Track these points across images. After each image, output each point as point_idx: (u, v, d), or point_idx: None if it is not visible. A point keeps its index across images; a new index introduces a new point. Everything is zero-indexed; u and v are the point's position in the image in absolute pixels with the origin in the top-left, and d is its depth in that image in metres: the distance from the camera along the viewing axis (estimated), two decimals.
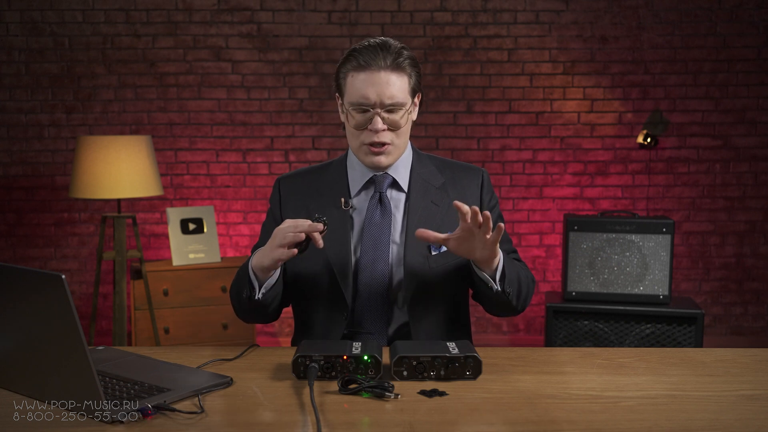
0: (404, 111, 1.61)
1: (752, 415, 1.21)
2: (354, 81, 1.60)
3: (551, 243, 4.24)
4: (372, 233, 1.66)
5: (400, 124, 1.61)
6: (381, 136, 1.60)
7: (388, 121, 1.60)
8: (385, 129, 1.60)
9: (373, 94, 1.58)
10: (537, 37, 4.13)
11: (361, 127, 1.62)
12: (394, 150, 1.64)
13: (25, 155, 4.14)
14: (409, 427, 1.15)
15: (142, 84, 4.13)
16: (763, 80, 4.12)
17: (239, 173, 4.19)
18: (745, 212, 4.20)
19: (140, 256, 3.42)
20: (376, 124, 1.59)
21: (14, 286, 1.21)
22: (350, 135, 1.66)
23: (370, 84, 1.58)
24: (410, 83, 1.62)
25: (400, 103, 1.59)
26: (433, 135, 4.18)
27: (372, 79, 1.57)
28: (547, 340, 3.33)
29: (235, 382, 1.36)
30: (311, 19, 4.12)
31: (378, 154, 1.63)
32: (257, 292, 1.57)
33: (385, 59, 1.58)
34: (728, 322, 4.26)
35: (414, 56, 1.65)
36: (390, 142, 1.62)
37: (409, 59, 1.62)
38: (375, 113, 1.59)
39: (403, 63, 1.60)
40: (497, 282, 1.56)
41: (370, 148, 1.62)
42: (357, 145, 1.65)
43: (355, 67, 1.59)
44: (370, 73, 1.58)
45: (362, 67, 1.58)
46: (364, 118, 1.60)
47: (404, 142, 1.67)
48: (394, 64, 1.58)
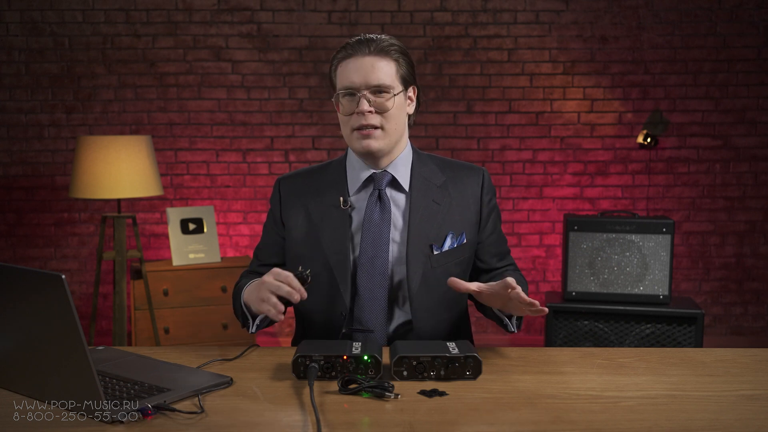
0: (391, 95, 1.62)
1: (752, 415, 1.21)
2: (341, 69, 1.64)
3: (551, 243, 4.24)
4: (371, 232, 1.66)
5: (386, 107, 1.62)
6: (368, 118, 1.61)
7: (375, 104, 1.61)
8: (371, 111, 1.61)
9: (358, 78, 1.61)
10: (537, 37, 4.13)
11: (349, 111, 1.63)
12: (383, 135, 1.64)
13: (25, 155, 4.14)
14: (409, 427, 1.15)
15: (142, 84, 4.13)
16: (763, 80, 4.12)
17: (239, 173, 4.19)
18: (745, 212, 4.20)
19: (140, 256, 3.42)
20: (361, 105, 1.60)
21: (14, 286, 1.21)
22: (342, 124, 1.67)
23: (355, 70, 1.61)
24: (398, 70, 1.64)
25: (385, 86, 1.61)
26: (433, 135, 4.18)
27: (357, 64, 1.61)
28: (547, 340, 3.33)
29: (235, 382, 1.36)
30: (311, 19, 4.12)
31: (366, 137, 1.63)
32: (251, 326, 1.64)
33: (369, 46, 1.62)
34: (728, 322, 4.26)
35: (403, 47, 1.67)
36: (379, 126, 1.62)
37: (396, 47, 1.65)
38: (361, 95, 1.60)
39: (389, 49, 1.63)
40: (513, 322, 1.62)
41: (359, 132, 1.63)
42: (348, 132, 1.66)
43: (342, 57, 1.64)
44: (355, 59, 1.62)
45: (349, 55, 1.63)
46: (352, 102, 1.62)
47: (395, 127, 1.65)
48: (378, 49, 1.62)
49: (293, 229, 1.72)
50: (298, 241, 1.71)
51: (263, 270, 1.78)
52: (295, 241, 1.71)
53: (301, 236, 1.71)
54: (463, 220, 1.71)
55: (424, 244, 1.66)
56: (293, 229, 1.72)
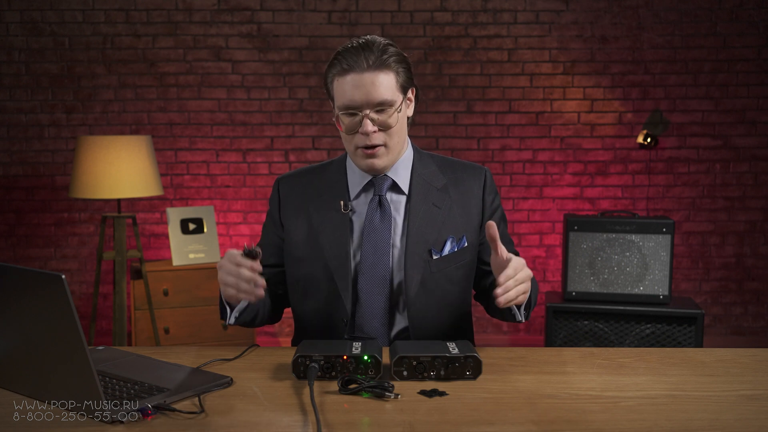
0: (394, 110, 1.58)
1: (752, 415, 1.21)
2: (340, 85, 1.57)
3: (551, 243, 4.24)
4: (372, 237, 1.64)
5: (390, 124, 1.58)
6: (372, 138, 1.57)
7: (378, 122, 1.57)
8: (375, 130, 1.57)
9: (359, 97, 1.54)
10: (537, 37, 4.13)
11: (351, 131, 1.59)
12: (388, 151, 1.61)
13: (25, 155, 4.14)
14: (409, 427, 1.15)
15: (142, 84, 4.13)
16: (763, 80, 4.12)
17: (239, 173, 4.19)
18: (745, 212, 4.20)
19: (140, 256, 3.42)
20: (365, 126, 1.56)
21: (14, 286, 1.21)
22: (344, 140, 1.64)
23: (355, 87, 1.54)
24: (398, 80, 1.58)
25: (388, 102, 1.56)
26: (433, 135, 4.18)
27: (356, 82, 1.54)
28: (547, 340, 3.33)
29: (235, 382, 1.36)
30: (311, 19, 4.12)
31: (371, 156, 1.60)
32: (228, 318, 1.54)
33: (368, 59, 1.54)
34: (728, 322, 4.26)
35: (400, 51, 1.60)
36: (383, 143, 1.59)
37: (395, 55, 1.57)
38: (363, 116, 1.56)
39: (388, 60, 1.55)
40: (521, 312, 1.56)
41: (363, 151, 1.60)
42: (352, 150, 1.63)
43: (339, 72, 1.56)
44: (354, 76, 1.54)
45: (345, 71, 1.55)
46: (354, 121, 1.58)
47: (399, 141, 1.63)
48: (377, 62, 1.54)
49: (293, 232, 1.70)
50: (298, 243, 1.69)
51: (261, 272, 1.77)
52: (295, 243, 1.69)
53: (300, 239, 1.69)
54: (465, 222, 1.69)
55: (423, 249, 1.64)
56: (293, 232, 1.70)
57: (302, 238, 1.69)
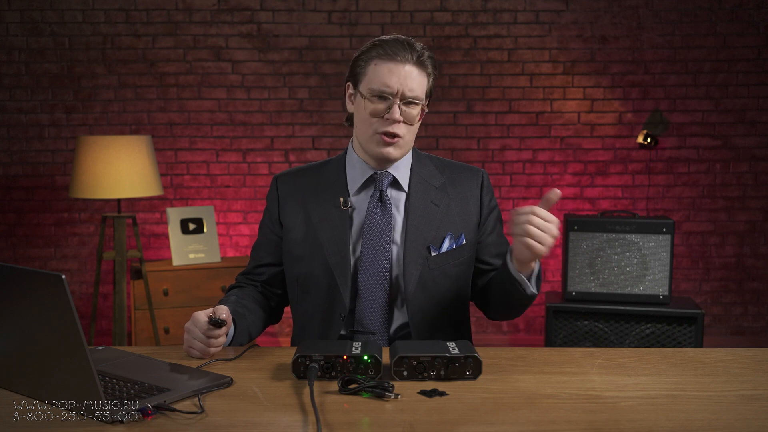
0: (419, 107, 1.63)
1: (752, 415, 1.21)
2: (378, 68, 1.60)
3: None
4: (372, 233, 1.64)
5: (414, 119, 1.63)
6: (396, 128, 1.60)
7: (405, 114, 1.61)
8: (401, 120, 1.61)
9: (396, 84, 1.58)
10: (537, 37, 4.13)
11: (377, 114, 1.61)
12: (404, 144, 1.65)
13: (25, 155, 4.14)
14: (409, 427, 1.15)
15: (142, 84, 4.13)
16: (763, 80, 4.12)
17: (239, 173, 4.19)
18: (745, 212, 4.20)
19: (140, 256, 3.42)
20: (394, 113, 1.59)
21: (14, 286, 1.21)
22: (363, 123, 1.64)
23: (394, 74, 1.58)
24: (428, 83, 1.65)
25: (418, 98, 1.61)
26: (433, 135, 4.18)
27: (397, 70, 1.59)
28: (547, 340, 3.33)
29: (235, 382, 1.36)
30: (311, 19, 4.12)
31: (389, 144, 1.62)
32: None
33: (412, 53, 1.60)
34: (728, 322, 4.26)
35: (436, 61, 1.67)
36: (402, 136, 1.62)
37: (431, 59, 1.64)
38: (394, 102, 1.59)
39: (427, 61, 1.62)
40: (533, 283, 1.57)
41: (383, 137, 1.61)
42: (370, 134, 1.63)
43: (380, 55, 1.60)
44: (396, 64, 1.59)
45: (389, 56, 1.59)
46: (383, 106, 1.60)
47: (412, 139, 1.68)
48: (419, 60, 1.61)
49: (291, 229, 1.71)
50: (297, 241, 1.69)
51: (259, 272, 1.78)
52: (294, 241, 1.70)
53: (300, 236, 1.69)
54: (463, 221, 1.70)
55: (422, 246, 1.65)
56: (291, 229, 1.71)
57: (301, 236, 1.69)
